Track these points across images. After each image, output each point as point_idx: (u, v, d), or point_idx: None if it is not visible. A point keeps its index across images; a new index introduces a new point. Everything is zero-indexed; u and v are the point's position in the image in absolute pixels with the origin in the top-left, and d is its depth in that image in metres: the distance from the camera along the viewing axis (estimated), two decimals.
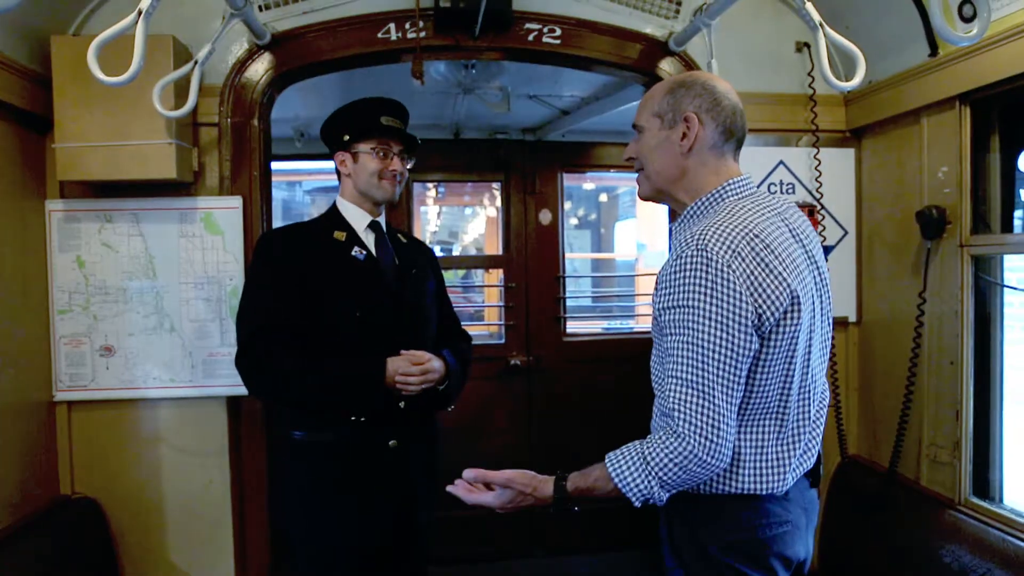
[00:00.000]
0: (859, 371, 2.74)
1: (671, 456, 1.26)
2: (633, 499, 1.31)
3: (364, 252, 1.95)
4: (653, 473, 1.28)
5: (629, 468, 1.30)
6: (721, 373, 1.25)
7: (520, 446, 3.81)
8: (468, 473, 1.47)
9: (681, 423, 1.26)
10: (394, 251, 2.02)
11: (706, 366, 1.25)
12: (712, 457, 1.25)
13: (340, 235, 1.95)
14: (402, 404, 1.89)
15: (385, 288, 1.94)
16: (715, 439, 1.25)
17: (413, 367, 1.84)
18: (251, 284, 1.94)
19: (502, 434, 3.80)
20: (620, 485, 1.31)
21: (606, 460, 1.35)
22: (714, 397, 1.25)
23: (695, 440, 1.24)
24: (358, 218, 1.99)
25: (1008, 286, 2.19)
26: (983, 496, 2.17)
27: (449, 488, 1.47)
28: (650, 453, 1.29)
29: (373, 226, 2.00)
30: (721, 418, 1.25)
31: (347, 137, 1.95)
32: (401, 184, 1.99)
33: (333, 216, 2.00)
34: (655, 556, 1.41)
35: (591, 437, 3.78)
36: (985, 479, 2.19)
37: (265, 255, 1.94)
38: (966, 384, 2.17)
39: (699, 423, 1.25)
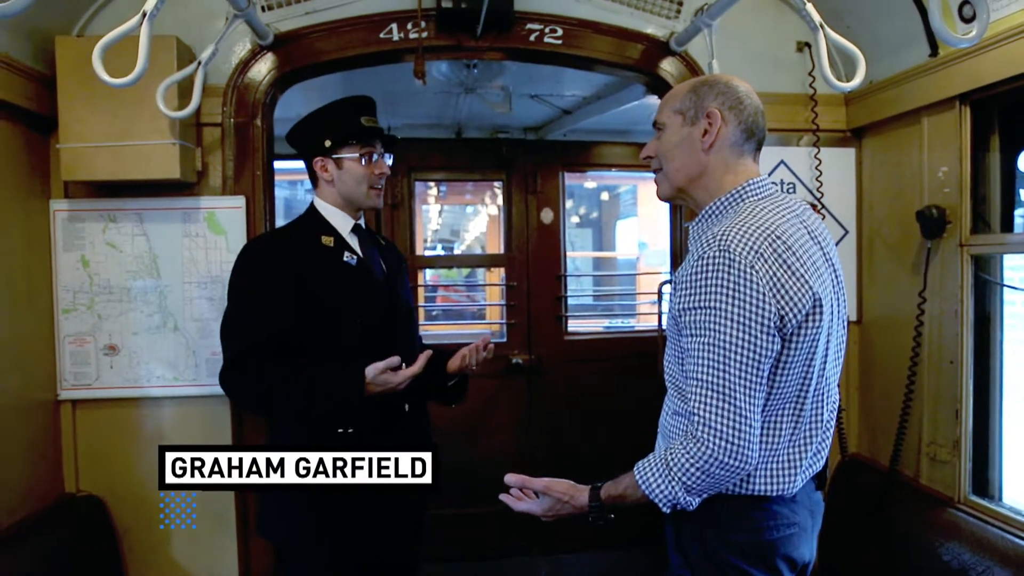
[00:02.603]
0: (859, 370, 2.75)
1: (692, 461, 1.27)
2: (660, 505, 1.32)
3: (355, 257, 1.91)
4: (676, 478, 1.29)
5: (654, 475, 1.32)
6: (743, 375, 1.24)
7: (521, 444, 3.82)
8: (510, 479, 1.49)
9: (700, 427, 1.26)
10: (378, 254, 2.01)
11: (727, 368, 1.25)
12: (734, 460, 1.25)
13: (328, 240, 1.90)
14: (407, 407, 1.90)
15: (378, 292, 1.93)
16: (736, 442, 1.24)
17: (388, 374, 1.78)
18: (240, 298, 1.84)
19: (503, 432, 3.81)
20: (646, 491, 1.32)
21: (634, 468, 1.36)
22: (736, 399, 1.24)
23: (715, 444, 1.24)
24: (341, 222, 1.94)
25: (1008, 285, 2.19)
26: (983, 494, 2.18)
27: (501, 497, 1.50)
28: (672, 459, 1.29)
29: (356, 230, 1.97)
30: (743, 420, 1.24)
31: (328, 143, 1.89)
32: (383, 188, 1.97)
33: (316, 220, 1.95)
34: (655, 555, 1.43)
35: (592, 435, 3.83)
36: (985, 478, 2.20)
37: (254, 267, 1.86)
38: (966, 383, 2.18)
39: (719, 427, 1.24)
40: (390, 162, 1.99)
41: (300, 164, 2.05)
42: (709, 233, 1.33)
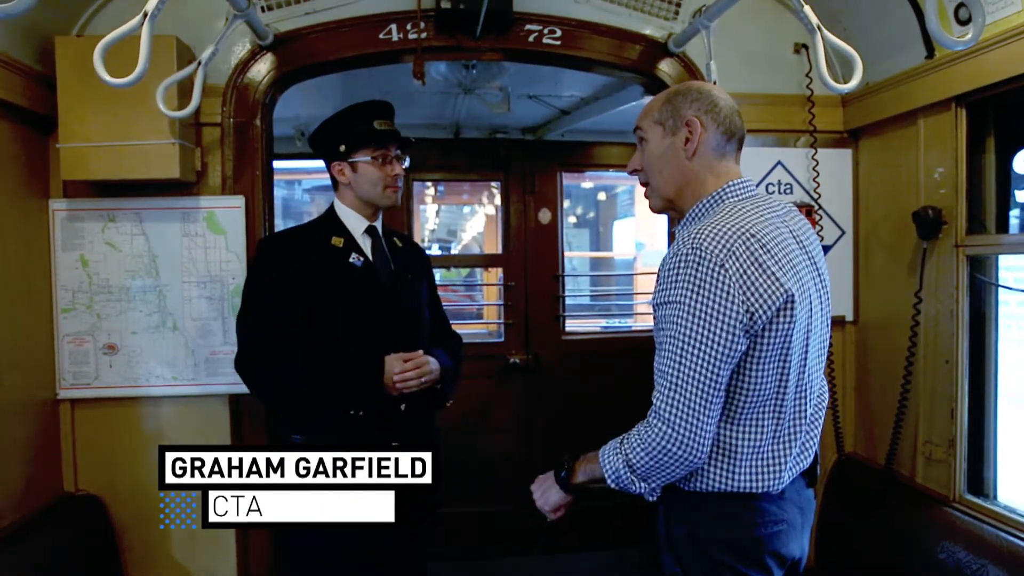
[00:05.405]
0: (856, 370, 2.76)
1: (639, 441, 1.35)
2: (607, 477, 1.41)
3: (361, 259, 1.96)
4: (623, 452, 1.38)
5: (609, 447, 1.42)
6: (699, 369, 1.28)
7: (519, 444, 3.83)
8: None
9: (653, 415, 1.33)
10: (390, 255, 2.04)
11: (683, 361, 1.29)
12: (680, 449, 1.30)
13: (338, 241, 1.96)
14: (403, 407, 1.91)
15: (381, 293, 1.96)
16: (684, 432, 1.29)
17: (407, 364, 1.86)
18: (252, 288, 1.96)
19: (501, 432, 3.81)
20: (600, 458, 1.43)
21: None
22: (687, 392, 1.29)
23: (662, 431, 1.31)
24: (355, 223, 1.99)
25: (1003, 286, 2.21)
26: (978, 493, 2.19)
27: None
28: (627, 436, 1.39)
29: (370, 231, 2.01)
30: (692, 412, 1.29)
31: (343, 147, 1.94)
32: (401, 187, 2.02)
33: (331, 221, 2.00)
34: (651, 554, 1.45)
35: (590, 435, 3.80)
36: (980, 476, 2.22)
37: (266, 260, 1.96)
38: (961, 383, 2.20)
39: (668, 415, 1.30)
40: (406, 164, 2.04)
41: (298, 164, 2.08)
42: (685, 232, 1.37)
